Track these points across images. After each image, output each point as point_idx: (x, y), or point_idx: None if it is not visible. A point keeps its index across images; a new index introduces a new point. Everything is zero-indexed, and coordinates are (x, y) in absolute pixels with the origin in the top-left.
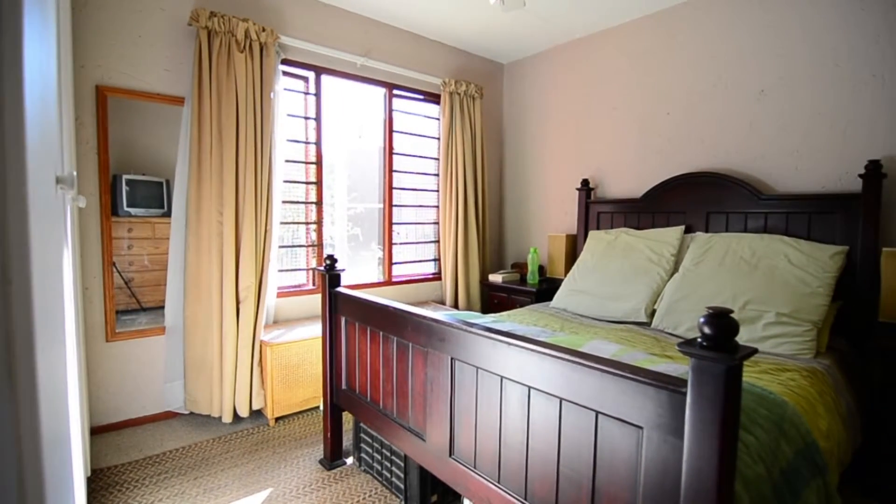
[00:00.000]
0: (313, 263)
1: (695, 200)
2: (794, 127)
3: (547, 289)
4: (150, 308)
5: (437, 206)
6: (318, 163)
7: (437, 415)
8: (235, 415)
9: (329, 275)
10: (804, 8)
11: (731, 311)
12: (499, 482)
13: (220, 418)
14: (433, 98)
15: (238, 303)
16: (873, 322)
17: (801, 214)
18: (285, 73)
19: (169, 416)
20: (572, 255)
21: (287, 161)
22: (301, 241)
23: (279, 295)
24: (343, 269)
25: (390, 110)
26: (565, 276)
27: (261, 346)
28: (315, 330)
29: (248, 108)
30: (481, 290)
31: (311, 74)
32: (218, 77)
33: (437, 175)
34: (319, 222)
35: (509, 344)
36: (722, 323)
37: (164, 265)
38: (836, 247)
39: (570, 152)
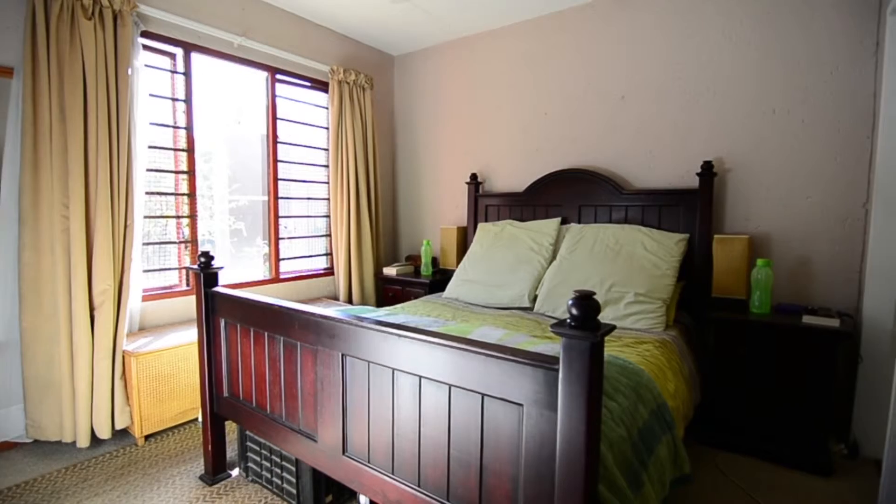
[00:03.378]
0: (187, 261)
1: (569, 194)
2: (648, 130)
3: (440, 280)
4: None
5: (328, 199)
6: (190, 150)
7: (329, 414)
8: (94, 438)
9: (204, 273)
10: (649, 29)
11: (594, 294)
12: (393, 473)
13: (73, 443)
14: (321, 86)
15: (92, 310)
16: (708, 297)
17: (654, 207)
18: (146, 48)
19: (6, 446)
20: (463, 246)
21: (151, 147)
22: (172, 237)
23: (145, 298)
24: (221, 267)
25: (273, 96)
26: (457, 266)
27: (123, 356)
28: (190, 335)
29: (98, 85)
30: (376, 283)
31: (178, 51)
32: (59, 47)
33: (327, 166)
34: (193, 216)
35: (400, 336)
36: (586, 304)
37: None
38: (680, 234)
39: (460, 147)
